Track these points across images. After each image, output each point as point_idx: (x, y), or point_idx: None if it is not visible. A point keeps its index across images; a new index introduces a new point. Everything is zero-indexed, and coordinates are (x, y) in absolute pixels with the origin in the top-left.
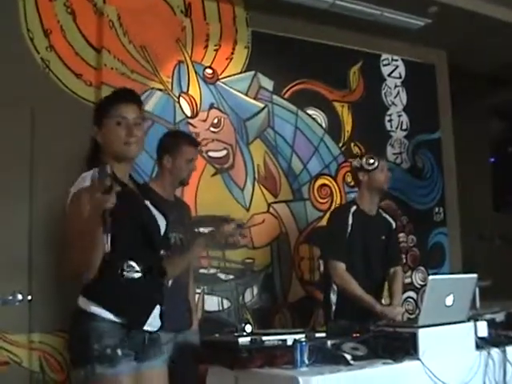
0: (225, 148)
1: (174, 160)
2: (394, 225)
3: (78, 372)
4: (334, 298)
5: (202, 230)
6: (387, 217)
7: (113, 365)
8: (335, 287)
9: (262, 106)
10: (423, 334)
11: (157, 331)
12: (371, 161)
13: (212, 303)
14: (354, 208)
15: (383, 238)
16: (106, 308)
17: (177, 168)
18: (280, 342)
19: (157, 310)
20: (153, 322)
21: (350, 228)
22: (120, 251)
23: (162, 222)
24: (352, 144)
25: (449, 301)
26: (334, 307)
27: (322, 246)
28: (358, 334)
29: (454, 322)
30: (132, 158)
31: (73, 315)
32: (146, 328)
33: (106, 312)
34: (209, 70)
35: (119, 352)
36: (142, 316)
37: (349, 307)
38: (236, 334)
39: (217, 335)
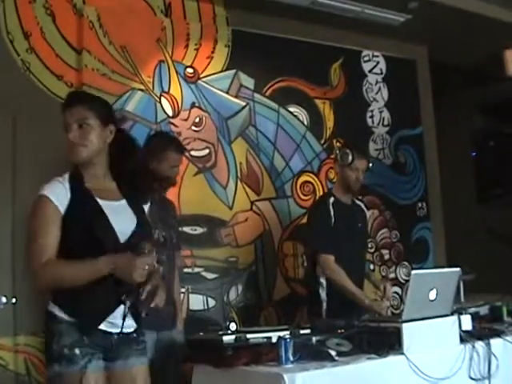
0: (207, 147)
1: (159, 164)
2: (366, 212)
3: (47, 372)
4: (323, 294)
5: (185, 229)
6: (361, 204)
7: (71, 364)
8: (324, 283)
9: (243, 104)
10: (407, 329)
11: (133, 332)
12: (345, 156)
13: (197, 302)
14: (332, 199)
15: (360, 225)
16: (62, 309)
17: (161, 171)
18: (265, 340)
19: (120, 310)
20: (117, 323)
21: (333, 219)
22: (70, 255)
23: (128, 226)
24: (334, 141)
25: (432, 295)
26: (324, 304)
27: (308, 242)
28: (342, 330)
29: (438, 316)
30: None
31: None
32: (108, 329)
33: (62, 313)
34: (190, 70)
35: (77, 351)
36: (96, 317)
37: (340, 303)
38: (221, 333)
39: (201, 334)
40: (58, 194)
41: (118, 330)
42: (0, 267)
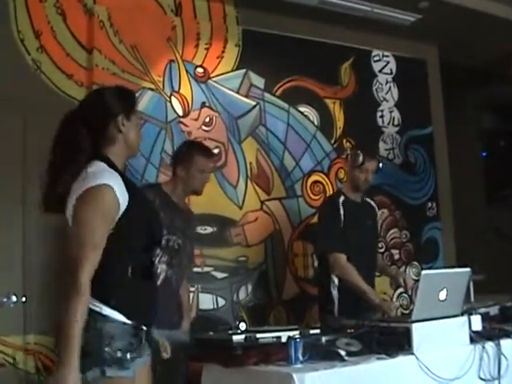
0: (217, 146)
1: (188, 170)
2: (376, 209)
3: (84, 374)
4: (335, 293)
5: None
6: (370, 201)
7: (121, 368)
8: (336, 282)
9: (253, 103)
10: (417, 329)
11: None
12: (356, 157)
13: (206, 301)
14: (342, 198)
15: (370, 222)
16: (119, 310)
17: (190, 177)
18: (274, 339)
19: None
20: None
21: (343, 217)
22: (128, 253)
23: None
24: (344, 140)
25: (442, 295)
26: (336, 303)
27: (319, 241)
28: (352, 330)
29: (448, 317)
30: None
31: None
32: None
33: (117, 313)
34: (200, 69)
35: (128, 356)
36: (152, 317)
37: (352, 302)
38: (230, 332)
39: (211, 333)
40: (121, 187)
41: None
42: (10, 266)
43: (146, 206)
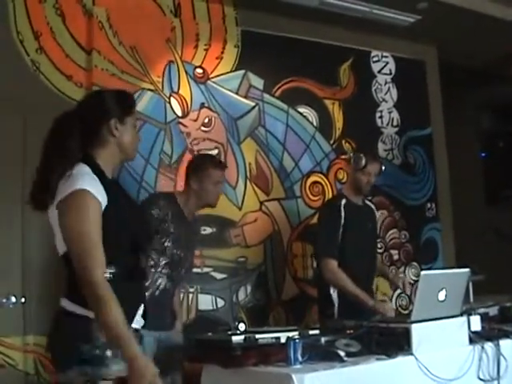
0: (216, 147)
1: (201, 183)
2: (376, 212)
3: (66, 374)
4: (335, 295)
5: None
6: (371, 205)
7: (102, 365)
8: None
9: (252, 104)
10: (416, 329)
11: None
12: (358, 160)
13: (206, 302)
14: (343, 201)
15: (370, 225)
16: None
17: (204, 190)
18: (274, 340)
19: (141, 309)
20: (138, 321)
21: (343, 221)
22: (107, 254)
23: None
24: (343, 141)
25: (441, 296)
26: (336, 305)
27: (316, 244)
28: (351, 331)
29: (447, 317)
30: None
31: (56, 317)
32: (136, 326)
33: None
34: (199, 70)
35: (108, 353)
36: (129, 316)
37: (351, 304)
38: (230, 333)
39: (210, 334)
40: (99, 190)
41: (135, 327)
42: (10, 267)
43: (126, 212)
